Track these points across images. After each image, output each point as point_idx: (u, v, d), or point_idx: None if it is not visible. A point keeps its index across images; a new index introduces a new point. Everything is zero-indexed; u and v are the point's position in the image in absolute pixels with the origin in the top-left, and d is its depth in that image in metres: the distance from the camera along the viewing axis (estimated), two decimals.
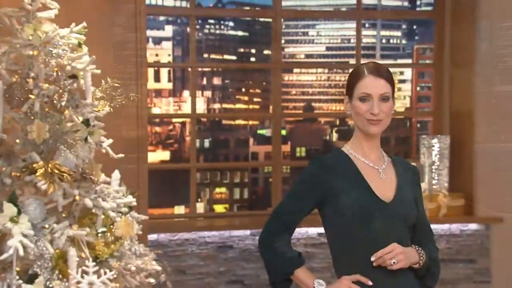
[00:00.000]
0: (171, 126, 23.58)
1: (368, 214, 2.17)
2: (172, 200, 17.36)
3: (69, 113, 2.53)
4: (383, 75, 2.22)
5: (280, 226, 2.31)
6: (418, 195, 2.33)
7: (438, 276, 2.28)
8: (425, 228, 2.32)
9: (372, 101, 2.20)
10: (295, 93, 31.99)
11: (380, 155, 2.29)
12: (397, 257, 2.14)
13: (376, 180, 2.24)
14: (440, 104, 5.14)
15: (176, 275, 4.32)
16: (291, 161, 17.86)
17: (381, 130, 2.23)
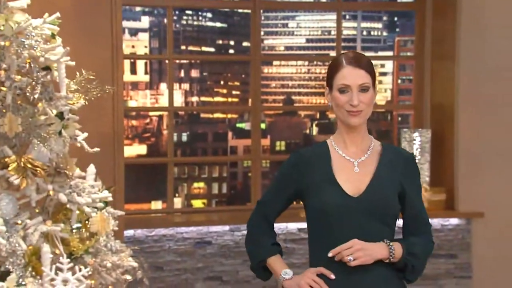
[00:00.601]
0: (148, 120, 23.49)
1: (334, 210, 2.19)
2: (149, 195, 17.31)
3: (43, 105, 2.51)
4: (362, 65, 2.21)
5: (260, 216, 2.39)
6: (411, 186, 2.25)
7: (419, 270, 2.24)
8: (417, 220, 2.28)
9: (352, 92, 2.19)
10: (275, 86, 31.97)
11: (363, 147, 2.27)
12: (355, 253, 2.13)
13: (348, 174, 2.23)
14: (421, 97, 5.17)
15: (153, 271, 4.32)
16: (270, 155, 17.87)
17: (362, 121, 2.23)
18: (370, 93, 2.21)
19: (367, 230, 2.18)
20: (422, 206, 2.32)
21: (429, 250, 2.29)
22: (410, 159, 2.30)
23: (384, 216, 2.20)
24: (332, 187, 2.21)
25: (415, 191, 2.28)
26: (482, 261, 4.80)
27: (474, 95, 4.78)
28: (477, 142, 4.79)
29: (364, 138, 2.28)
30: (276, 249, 2.35)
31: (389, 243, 2.18)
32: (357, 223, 2.18)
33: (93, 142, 2.72)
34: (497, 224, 4.78)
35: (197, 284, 4.54)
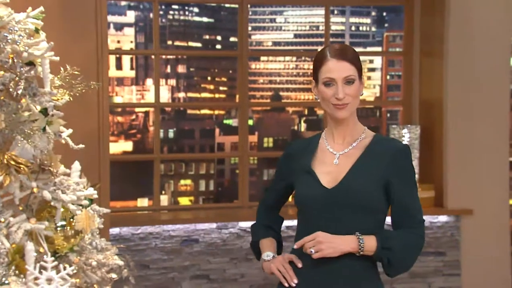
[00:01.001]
0: (133, 116, 23.40)
1: (310, 202, 2.23)
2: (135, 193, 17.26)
3: (26, 101, 2.49)
4: (346, 57, 2.22)
5: (263, 203, 2.52)
6: (398, 179, 2.21)
7: (398, 265, 2.18)
8: (404, 215, 2.23)
9: (337, 85, 2.20)
10: (263, 82, 31.95)
11: (351, 139, 2.27)
12: (317, 246, 2.14)
13: (328, 167, 2.25)
14: (410, 93, 5.19)
15: (139, 270, 4.31)
16: (258, 152, 17.87)
17: (349, 114, 2.24)
18: (355, 85, 2.22)
19: (343, 222, 2.18)
20: (412, 200, 2.25)
21: (414, 245, 2.22)
22: (401, 151, 2.24)
23: (362, 208, 2.19)
24: (310, 179, 2.25)
25: (404, 184, 2.23)
26: (470, 258, 4.83)
27: (463, 91, 4.81)
28: (466, 138, 4.81)
29: (354, 130, 2.29)
30: (269, 233, 2.42)
31: (359, 236, 2.16)
32: (332, 215, 2.19)
33: (78, 138, 2.71)
34: (486, 221, 4.80)
35: (184, 283, 4.54)
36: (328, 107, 2.25)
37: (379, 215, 2.23)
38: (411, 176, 2.26)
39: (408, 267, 2.23)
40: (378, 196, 2.21)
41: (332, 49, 2.24)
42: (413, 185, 2.26)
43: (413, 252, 2.22)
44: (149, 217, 4.81)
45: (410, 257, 2.21)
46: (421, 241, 2.24)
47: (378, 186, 2.21)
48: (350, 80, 2.22)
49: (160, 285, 4.52)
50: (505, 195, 4.88)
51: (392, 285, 4.76)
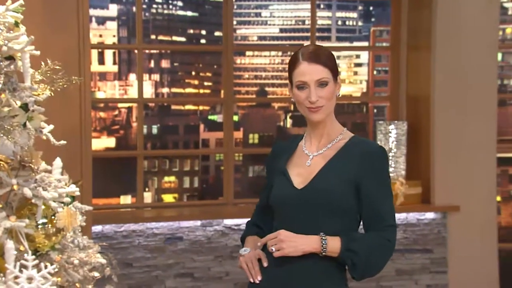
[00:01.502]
0: (116, 111, 23.31)
1: (281, 202, 2.26)
2: (118, 190, 17.21)
3: (6, 97, 2.48)
4: (318, 60, 2.23)
5: (259, 202, 2.54)
6: (368, 181, 2.19)
7: (362, 268, 2.16)
8: (372, 216, 2.20)
9: (309, 88, 2.22)
10: (248, 77, 31.94)
11: (326, 141, 2.29)
12: (278, 244, 2.16)
13: (301, 168, 2.28)
14: (397, 89, 5.21)
15: (122, 268, 4.30)
16: (243, 148, 17.86)
17: (323, 117, 2.26)
18: (329, 88, 2.24)
19: (314, 224, 2.20)
20: (383, 203, 2.21)
21: (380, 249, 2.19)
22: (373, 153, 2.23)
23: (331, 210, 2.19)
24: (283, 180, 2.29)
25: (375, 186, 2.20)
26: (457, 255, 4.85)
27: (450, 86, 4.83)
28: (453, 134, 4.84)
29: (331, 131, 2.31)
30: (254, 231, 2.46)
31: (322, 236, 2.16)
32: (302, 216, 2.21)
33: (59, 134, 2.70)
34: (473, 218, 4.83)
35: (168, 281, 4.54)
36: (303, 110, 2.28)
37: (350, 217, 2.23)
38: (383, 179, 2.23)
39: (374, 271, 2.20)
40: (347, 197, 2.20)
41: (304, 52, 2.25)
42: (385, 188, 2.23)
43: (379, 256, 2.19)
44: (132, 214, 4.80)
45: (376, 261, 2.18)
46: (389, 245, 2.21)
47: (348, 187, 2.20)
48: (323, 83, 2.23)
49: (144, 283, 4.51)
50: (492, 191, 4.91)
51: (379, 282, 4.78)
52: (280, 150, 2.40)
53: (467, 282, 4.86)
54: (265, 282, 2.26)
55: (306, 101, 2.23)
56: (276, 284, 2.23)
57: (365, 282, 4.69)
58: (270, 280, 2.25)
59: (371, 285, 4.76)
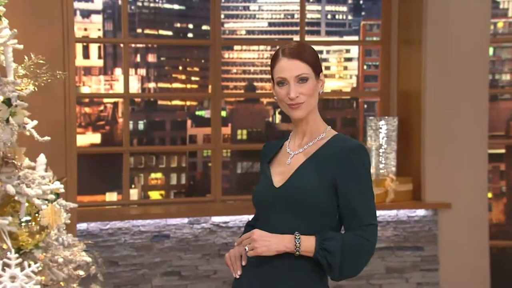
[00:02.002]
0: (102, 107, 23.25)
1: (260, 201, 2.29)
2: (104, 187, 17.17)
3: None
4: (298, 55, 2.23)
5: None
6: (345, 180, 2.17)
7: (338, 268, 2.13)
8: (349, 215, 2.18)
9: (289, 84, 2.23)
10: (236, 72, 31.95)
11: (309, 139, 2.29)
12: (251, 243, 2.17)
13: (281, 166, 2.30)
14: (388, 84, 5.22)
15: (108, 266, 4.29)
16: (231, 144, 17.87)
17: (304, 113, 2.25)
18: (309, 84, 2.24)
19: (291, 223, 2.20)
20: (362, 202, 2.19)
21: (358, 249, 2.15)
22: (351, 150, 2.20)
23: (307, 209, 2.19)
24: (265, 178, 2.32)
25: (352, 184, 2.18)
26: (448, 253, 4.87)
27: (441, 81, 4.85)
28: (444, 130, 4.86)
29: (313, 129, 2.31)
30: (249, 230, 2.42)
31: (296, 236, 2.16)
32: (280, 214, 2.22)
33: (43, 130, 2.69)
34: (465, 215, 4.85)
35: (155, 280, 4.53)
36: (284, 107, 2.28)
37: (328, 216, 2.21)
38: (361, 177, 2.20)
39: (352, 271, 2.16)
40: (323, 196, 2.19)
41: (285, 48, 2.26)
42: (363, 186, 2.20)
43: (356, 256, 2.15)
44: (118, 212, 4.79)
45: (352, 261, 2.15)
46: (368, 244, 2.17)
47: (325, 186, 2.19)
48: (303, 78, 2.23)
49: (130, 282, 4.50)
50: (484, 188, 4.93)
51: (369, 281, 4.80)
52: (268, 149, 2.42)
53: (458, 280, 4.88)
54: (245, 280, 2.27)
55: (286, 97, 2.24)
56: (255, 283, 2.24)
57: (354, 281, 4.72)
58: (249, 279, 2.26)
59: (360, 283, 4.77)
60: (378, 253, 4.74)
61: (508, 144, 7.71)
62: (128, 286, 4.50)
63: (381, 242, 4.75)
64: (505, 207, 10.36)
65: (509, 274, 5.96)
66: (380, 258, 4.80)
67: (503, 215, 10.07)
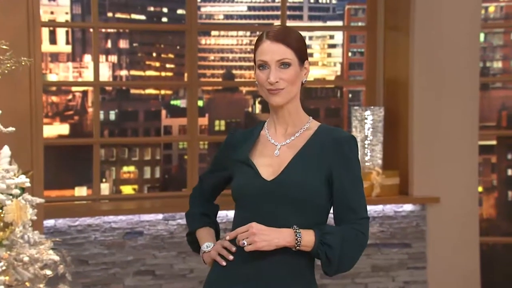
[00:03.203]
0: (70, 96, 23.14)
1: (248, 193, 2.26)
2: (72, 181, 17.11)
3: None
4: (282, 39, 2.24)
5: (198, 189, 2.55)
6: (341, 171, 2.23)
7: (337, 263, 2.18)
8: (344, 208, 2.23)
9: (270, 68, 2.24)
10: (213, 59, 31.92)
11: (293, 129, 2.31)
12: (250, 238, 2.16)
13: (268, 158, 2.29)
14: (374, 72, 5.24)
15: (77, 265, 4.28)
16: (209, 136, 17.86)
17: (284, 100, 2.27)
18: (292, 70, 2.25)
19: (282, 217, 2.21)
20: (355, 194, 2.25)
21: (355, 242, 2.22)
22: (345, 141, 2.26)
23: (302, 202, 2.22)
24: (248, 171, 2.29)
25: (347, 177, 2.24)
26: (437, 250, 4.90)
27: (430, 69, 4.86)
28: (433, 121, 4.88)
29: (296, 120, 2.33)
30: (206, 221, 2.46)
31: (296, 230, 2.18)
32: (271, 209, 2.22)
33: (7, 120, 2.67)
34: (454, 210, 4.88)
35: (127, 279, 4.53)
36: (263, 92, 2.29)
37: (321, 210, 2.25)
38: (355, 169, 2.27)
39: (348, 266, 2.23)
40: (320, 189, 2.23)
41: (268, 31, 2.28)
42: (357, 179, 2.26)
43: (354, 250, 2.22)
44: (88, 207, 4.77)
45: (350, 255, 2.22)
46: (363, 238, 2.24)
47: (320, 178, 2.23)
48: (285, 63, 2.25)
49: (100, 282, 4.49)
50: (474, 182, 4.96)
51: (354, 279, 4.82)
52: (238, 139, 2.39)
53: (446, 278, 4.92)
54: (232, 278, 2.26)
55: (266, 82, 2.25)
56: (244, 281, 2.23)
57: (339, 279, 4.74)
58: (236, 276, 2.25)
59: (345, 282, 4.80)
60: (364, 250, 4.75)
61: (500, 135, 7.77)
62: (99, 286, 4.49)
63: None
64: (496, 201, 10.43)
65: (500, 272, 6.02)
66: (366, 256, 4.82)
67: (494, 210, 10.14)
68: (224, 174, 2.43)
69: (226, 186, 2.49)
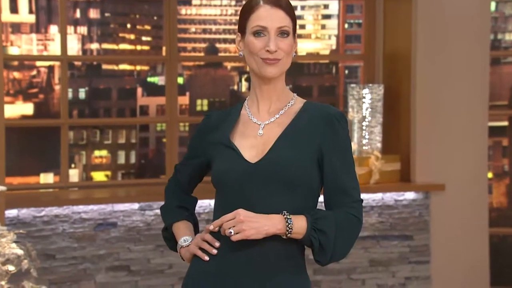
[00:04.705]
0: (34, 71, 23.00)
1: (230, 178, 2.27)
2: (38, 166, 17.05)
3: None
4: (281, 5, 2.26)
5: (174, 180, 2.56)
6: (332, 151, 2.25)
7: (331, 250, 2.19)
8: (337, 190, 2.25)
9: (269, 36, 2.25)
10: (195, 31, 31.75)
11: (277, 106, 2.32)
12: (237, 226, 2.16)
13: (251, 139, 2.30)
14: (372, 46, 5.24)
15: (43, 260, 4.28)
16: (190, 117, 17.77)
17: (279, 72, 2.28)
18: (289, 39, 2.28)
19: (269, 202, 2.23)
20: (348, 175, 2.27)
21: (350, 228, 2.24)
22: (335, 118, 2.28)
23: (291, 186, 2.23)
24: (230, 153, 2.30)
25: (340, 156, 2.27)
26: (441, 242, 4.92)
27: (435, 42, 4.86)
28: (438, 100, 4.89)
29: (281, 96, 2.34)
30: (183, 215, 2.47)
31: (287, 216, 2.19)
32: (256, 193, 2.24)
33: None
34: (460, 198, 4.90)
35: (99, 275, 4.53)
36: (255, 62, 2.29)
37: (311, 193, 2.27)
38: (347, 148, 2.29)
39: (343, 253, 2.25)
40: (310, 170, 2.25)
41: None
42: (350, 159, 2.29)
43: (348, 236, 2.24)
44: (55, 196, 4.77)
45: (345, 242, 2.23)
46: (358, 224, 2.26)
47: (310, 158, 2.25)
48: (284, 32, 2.27)
49: (69, 278, 4.49)
50: (483, 167, 4.97)
51: (350, 275, 4.85)
52: (216, 122, 2.39)
53: (452, 274, 4.94)
54: (216, 272, 2.27)
55: (262, 50, 2.26)
56: (231, 272, 2.24)
57: (333, 275, 4.76)
58: (222, 269, 2.26)
59: (340, 278, 4.82)
60: (361, 243, 4.78)
61: None
62: (67, 283, 4.49)
63: (364, 231, 4.78)
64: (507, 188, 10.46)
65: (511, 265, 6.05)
66: (363, 249, 4.84)
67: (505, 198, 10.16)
68: (201, 162, 2.43)
69: (205, 174, 2.49)
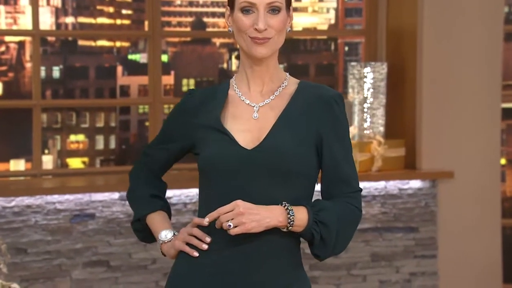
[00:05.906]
0: (3, 47, 22.92)
1: (224, 166, 2.26)
2: (7, 152, 17.04)
3: None
4: None
5: (142, 165, 2.55)
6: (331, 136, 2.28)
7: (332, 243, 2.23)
8: (336, 179, 2.28)
9: (258, 12, 2.25)
10: (180, 4, 31.71)
11: (271, 87, 2.33)
12: (236, 218, 2.17)
13: (245, 122, 2.31)
14: (374, 20, 5.23)
15: (14, 255, 4.28)
16: (175, 98, 17.78)
17: (270, 52, 2.28)
18: (281, 16, 2.27)
19: (265, 192, 2.24)
20: (347, 163, 2.31)
21: (351, 219, 2.28)
22: (334, 100, 2.30)
23: (289, 174, 2.25)
24: (222, 138, 2.30)
25: (339, 142, 2.29)
26: (449, 235, 4.93)
27: (442, 17, 4.86)
28: (446, 79, 4.89)
29: (274, 76, 2.35)
30: (157, 204, 2.46)
31: (288, 207, 2.21)
32: (252, 182, 2.25)
33: None
34: (470, 187, 4.91)
35: (75, 271, 4.53)
36: (244, 40, 2.29)
37: (309, 182, 2.30)
38: (346, 134, 2.33)
39: (342, 247, 2.29)
40: (310, 159, 2.28)
41: None
42: (348, 146, 2.33)
43: (350, 228, 2.28)
44: (27, 184, 4.77)
45: (346, 235, 2.27)
46: (359, 214, 2.31)
47: (309, 146, 2.28)
48: (274, 8, 2.26)
49: (42, 275, 4.49)
50: (495, 152, 4.98)
51: (350, 271, 4.86)
52: (199, 101, 2.38)
53: (461, 269, 4.95)
54: (209, 272, 2.27)
55: (250, 29, 2.26)
56: (227, 269, 2.25)
57: (331, 271, 4.77)
58: (218, 264, 2.26)
59: (339, 274, 4.83)
60: (361, 236, 4.79)
61: None
62: (40, 280, 4.49)
63: (365, 222, 4.79)
64: None
65: None
66: (364, 243, 4.85)
67: None
68: (179, 147, 2.42)
69: (178, 160, 2.49)
